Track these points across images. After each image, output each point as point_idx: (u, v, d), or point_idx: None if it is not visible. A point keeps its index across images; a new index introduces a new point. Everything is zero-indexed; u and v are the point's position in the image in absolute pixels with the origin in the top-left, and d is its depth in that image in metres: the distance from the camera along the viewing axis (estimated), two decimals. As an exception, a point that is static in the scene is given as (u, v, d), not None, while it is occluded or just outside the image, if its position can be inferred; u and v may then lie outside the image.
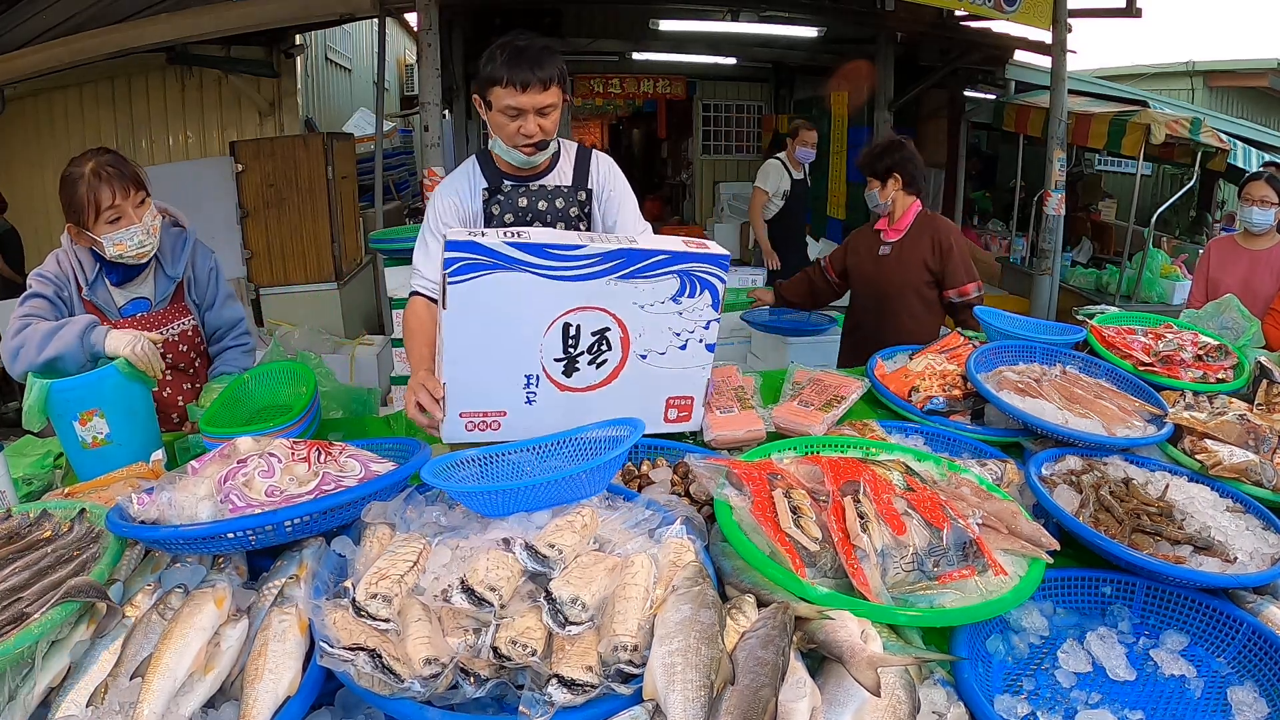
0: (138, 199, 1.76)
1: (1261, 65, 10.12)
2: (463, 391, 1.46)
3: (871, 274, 2.78)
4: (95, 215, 1.72)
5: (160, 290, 1.93)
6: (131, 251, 1.77)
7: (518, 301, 1.41)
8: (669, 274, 1.48)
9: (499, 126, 1.81)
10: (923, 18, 6.58)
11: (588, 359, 1.51)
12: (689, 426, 1.66)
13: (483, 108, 1.83)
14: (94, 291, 1.83)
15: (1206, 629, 1.15)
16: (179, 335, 1.96)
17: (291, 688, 0.89)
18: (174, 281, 1.94)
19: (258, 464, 1.18)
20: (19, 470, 1.56)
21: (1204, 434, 1.55)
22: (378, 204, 6.17)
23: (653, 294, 1.48)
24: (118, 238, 1.74)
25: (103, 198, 1.71)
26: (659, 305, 1.50)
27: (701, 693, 0.82)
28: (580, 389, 1.53)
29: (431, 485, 1.14)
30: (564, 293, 1.43)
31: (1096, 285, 5.96)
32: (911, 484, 1.24)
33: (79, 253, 1.82)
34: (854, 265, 2.86)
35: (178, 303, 1.97)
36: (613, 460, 1.16)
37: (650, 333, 1.52)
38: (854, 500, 1.13)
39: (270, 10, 5.31)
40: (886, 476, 1.24)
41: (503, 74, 1.72)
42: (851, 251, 2.89)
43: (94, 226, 1.73)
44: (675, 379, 1.59)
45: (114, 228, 1.74)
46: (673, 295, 1.50)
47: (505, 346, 1.45)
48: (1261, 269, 3.03)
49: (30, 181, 6.37)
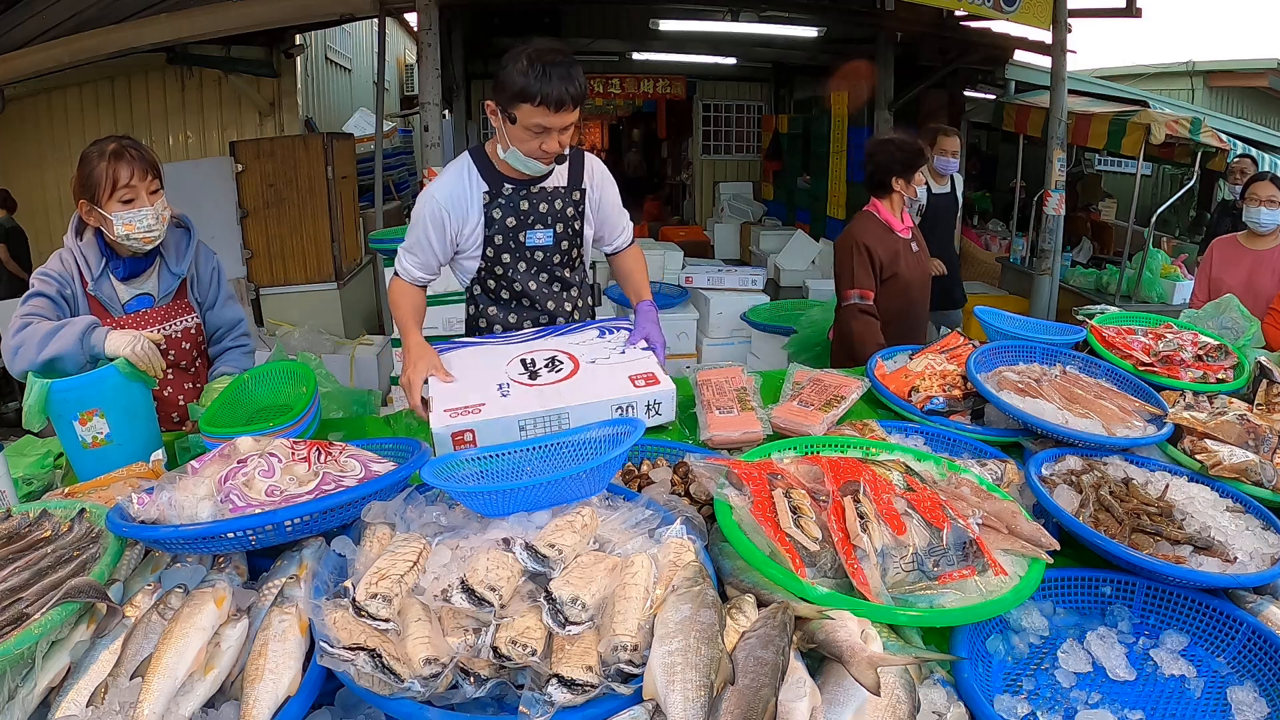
0: (152, 185, 1.79)
1: (1261, 65, 10.13)
2: (446, 396, 1.72)
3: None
4: (110, 192, 1.74)
5: (164, 286, 1.94)
6: (139, 233, 1.78)
7: (480, 357, 1.88)
8: (589, 327, 2.03)
9: (519, 140, 1.81)
10: (922, 18, 6.58)
11: (547, 371, 1.81)
12: (662, 391, 1.74)
13: (500, 117, 1.82)
14: (99, 286, 1.84)
15: (1206, 629, 1.15)
16: (181, 332, 1.97)
17: (291, 688, 0.89)
18: (178, 279, 1.95)
19: (258, 464, 1.18)
20: (19, 470, 1.56)
21: (1204, 434, 1.55)
22: (378, 204, 6.17)
23: (581, 338, 1.96)
24: (128, 217, 1.76)
25: (120, 175, 1.74)
26: (590, 341, 1.95)
27: (701, 692, 0.82)
28: (547, 384, 1.76)
29: (432, 485, 1.14)
30: (513, 350, 1.90)
31: (1096, 285, 5.96)
32: (911, 484, 1.24)
33: (85, 248, 1.83)
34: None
35: (181, 299, 1.98)
36: (613, 460, 1.16)
37: (591, 352, 1.89)
38: (854, 500, 1.13)
39: (270, 10, 5.31)
40: (886, 476, 1.24)
41: (535, 92, 1.72)
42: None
43: (106, 204, 1.75)
44: (627, 367, 1.83)
45: (126, 208, 1.76)
46: (596, 336, 1.98)
47: (476, 375, 1.79)
48: (1265, 270, 3.03)
49: (30, 181, 6.38)
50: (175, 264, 1.94)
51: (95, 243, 1.84)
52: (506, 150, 1.86)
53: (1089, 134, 6.03)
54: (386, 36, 6.46)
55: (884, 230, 2.78)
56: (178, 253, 1.95)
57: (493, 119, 1.85)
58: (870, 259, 2.71)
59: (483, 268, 2.04)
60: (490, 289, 2.09)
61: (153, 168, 1.80)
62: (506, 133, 1.83)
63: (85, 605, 0.97)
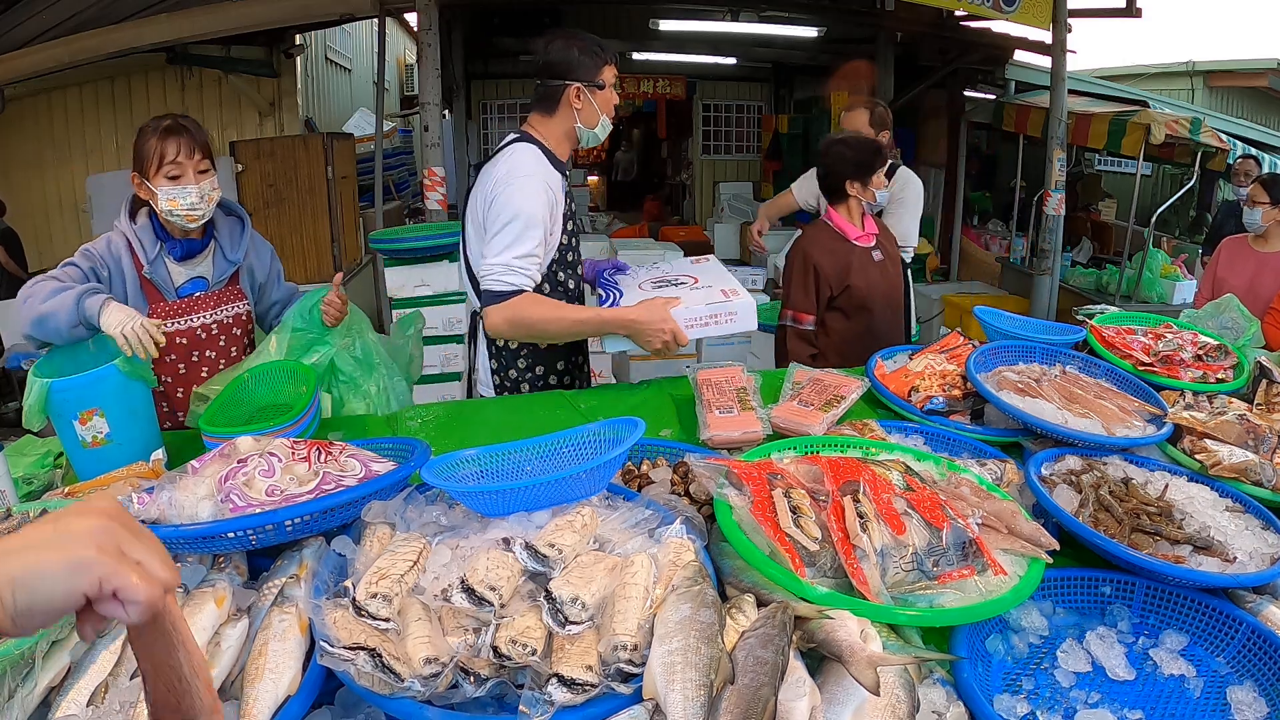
0: (200, 165, 1.82)
1: (1261, 65, 10.13)
2: (694, 308, 1.96)
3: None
4: (157, 167, 1.77)
5: (218, 271, 1.98)
6: (182, 210, 1.80)
7: (648, 289, 2.15)
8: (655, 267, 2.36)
9: (607, 104, 1.99)
10: (922, 18, 6.59)
11: (690, 289, 2.08)
12: (745, 304, 1.96)
13: (587, 92, 1.96)
14: (154, 269, 1.87)
15: (1206, 629, 1.15)
16: (232, 318, 2.01)
17: (291, 687, 0.89)
18: (233, 266, 1.99)
19: (258, 463, 1.18)
20: (19, 470, 1.56)
21: (1204, 434, 1.55)
22: (378, 204, 6.17)
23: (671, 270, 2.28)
24: (173, 193, 1.79)
25: (167, 151, 1.77)
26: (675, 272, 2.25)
27: (701, 692, 0.82)
28: (700, 292, 2.05)
29: (432, 485, 1.14)
30: (655, 275, 2.26)
31: (1096, 285, 5.96)
32: (911, 483, 1.24)
33: (140, 231, 1.85)
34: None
35: (234, 285, 2.03)
36: (613, 460, 1.16)
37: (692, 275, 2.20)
38: (853, 500, 1.13)
39: (270, 10, 5.32)
40: (886, 476, 1.24)
41: (607, 53, 1.97)
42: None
43: (154, 178, 1.78)
44: (709, 289, 2.06)
45: (171, 184, 1.78)
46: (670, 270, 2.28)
47: (670, 293, 2.06)
48: (1268, 272, 3.03)
49: (30, 181, 6.38)
50: (230, 251, 1.98)
51: (150, 225, 1.87)
52: (596, 124, 2.00)
53: (1089, 134, 6.03)
54: (386, 36, 6.47)
55: (837, 241, 2.54)
56: (232, 241, 1.99)
57: (576, 101, 1.97)
58: (815, 278, 2.51)
59: (556, 259, 2.07)
60: (560, 281, 2.11)
61: (203, 148, 1.83)
62: (595, 103, 1.97)
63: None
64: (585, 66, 1.94)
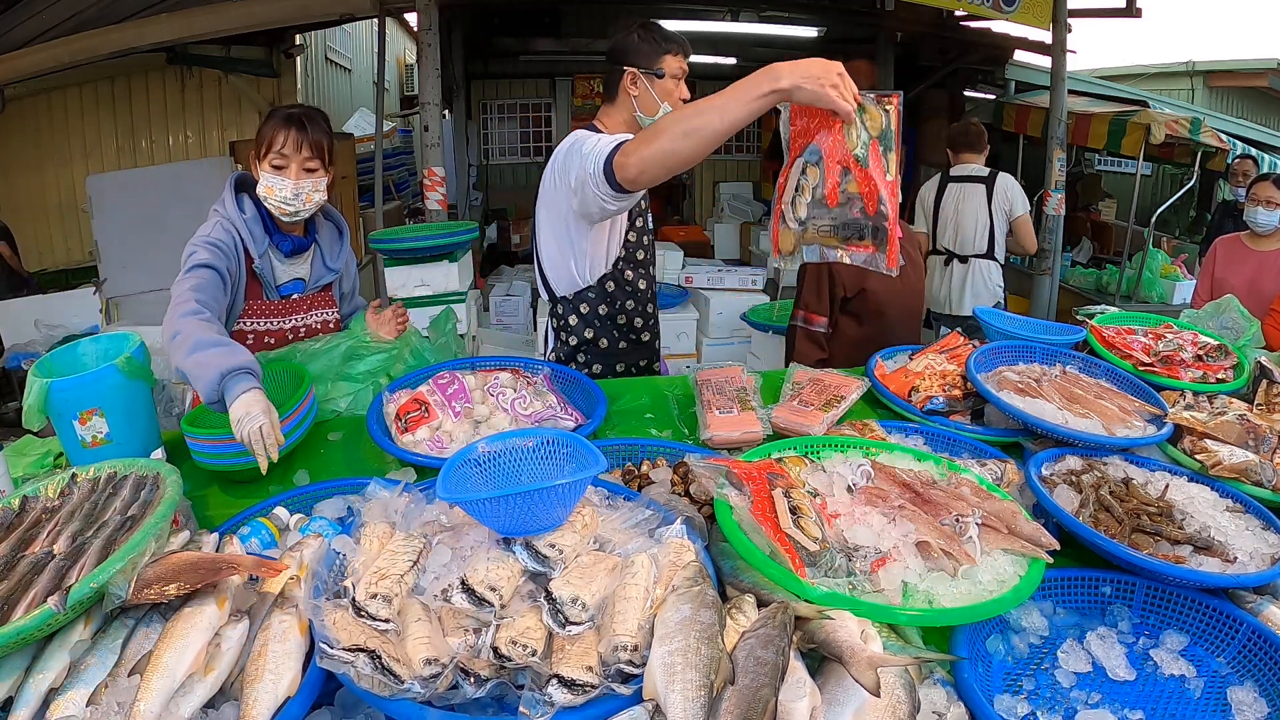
0: (309, 163, 1.80)
1: (1261, 65, 10.13)
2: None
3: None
4: (265, 152, 1.78)
5: (315, 275, 1.98)
6: (275, 201, 1.80)
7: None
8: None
9: (668, 92, 1.97)
10: (922, 18, 6.58)
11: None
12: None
13: (644, 80, 1.94)
14: (262, 264, 1.86)
15: (1206, 629, 1.15)
16: (320, 324, 2.01)
17: (291, 688, 0.89)
18: (333, 274, 2.00)
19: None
20: (19, 470, 1.56)
21: (1204, 434, 1.54)
22: (378, 204, 6.16)
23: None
24: (270, 181, 1.79)
25: (277, 139, 1.77)
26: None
27: (701, 692, 0.82)
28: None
29: (449, 500, 1.09)
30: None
31: (1096, 285, 5.95)
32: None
33: (250, 223, 1.82)
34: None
35: (327, 292, 2.03)
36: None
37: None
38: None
39: (270, 10, 5.31)
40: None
41: (675, 40, 1.95)
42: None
43: (262, 161, 1.79)
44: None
45: (274, 172, 1.78)
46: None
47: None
48: (1268, 271, 3.02)
49: (29, 181, 6.37)
50: (331, 259, 1.99)
51: (258, 215, 1.84)
52: (656, 113, 1.96)
53: (1089, 134, 6.02)
54: (386, 36, 6.46)
55: None
56: (332, 250, 2.00)
57: (633, 88, 1.96)
58: (830, 279, 2.50)
59: (623, 256, 2.06)
60: (628, 280, 2.09)
61: (314, 145, 1.80)
62: (654, 91, 1.95)
63: (89, 600, 0.96)
64: (643, 53, 1.93)
